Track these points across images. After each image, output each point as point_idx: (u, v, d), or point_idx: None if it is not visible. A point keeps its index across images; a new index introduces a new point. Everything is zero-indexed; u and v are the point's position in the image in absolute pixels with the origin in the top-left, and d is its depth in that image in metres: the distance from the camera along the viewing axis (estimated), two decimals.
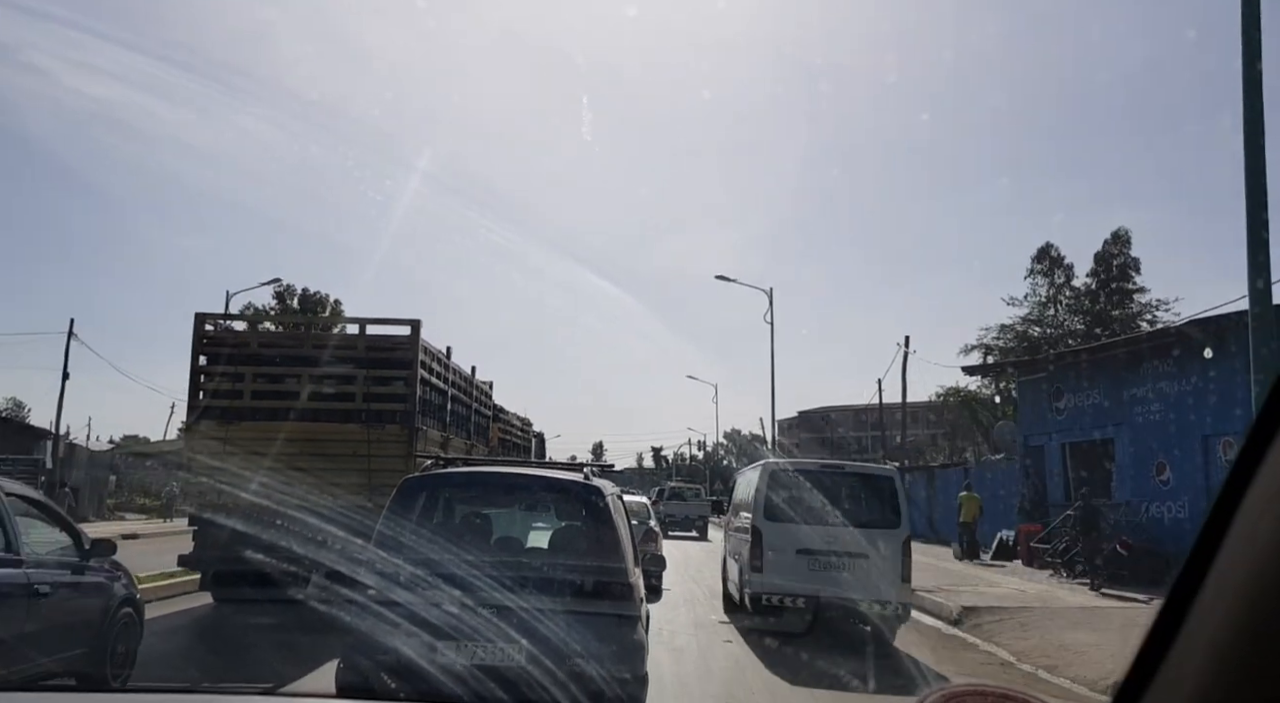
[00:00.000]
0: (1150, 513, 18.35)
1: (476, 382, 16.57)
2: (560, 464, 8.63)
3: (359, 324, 12.13)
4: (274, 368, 11.58)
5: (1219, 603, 0.83)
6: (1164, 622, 0.89)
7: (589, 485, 5.78)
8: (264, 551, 10.01)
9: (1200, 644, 0.84)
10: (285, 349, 11.69)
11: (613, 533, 5.48)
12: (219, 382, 11.56)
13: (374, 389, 11.57)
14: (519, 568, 5.15)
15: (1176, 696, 0.86)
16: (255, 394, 11.41)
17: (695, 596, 14.28)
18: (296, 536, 10.07)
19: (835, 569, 10.60)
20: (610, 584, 5.13)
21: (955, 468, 33.88)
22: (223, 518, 10.83)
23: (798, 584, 10.55)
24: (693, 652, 9.79)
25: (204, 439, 11.20)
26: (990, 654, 10.64)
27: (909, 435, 40.20)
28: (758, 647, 9.93)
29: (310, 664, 7.78)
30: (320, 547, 9.66)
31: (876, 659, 9.22)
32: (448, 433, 13.81)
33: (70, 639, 6.71)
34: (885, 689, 8.13)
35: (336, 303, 52.55)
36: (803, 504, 10.85)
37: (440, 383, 13.32)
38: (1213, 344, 15.89)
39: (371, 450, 11.33)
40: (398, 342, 11.93)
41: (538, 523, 6.95)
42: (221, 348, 11.62)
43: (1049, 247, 47.63)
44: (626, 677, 4.85)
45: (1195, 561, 0.87)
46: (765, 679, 8.50)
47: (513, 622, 4.71)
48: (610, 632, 4.91)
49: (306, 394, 11.38)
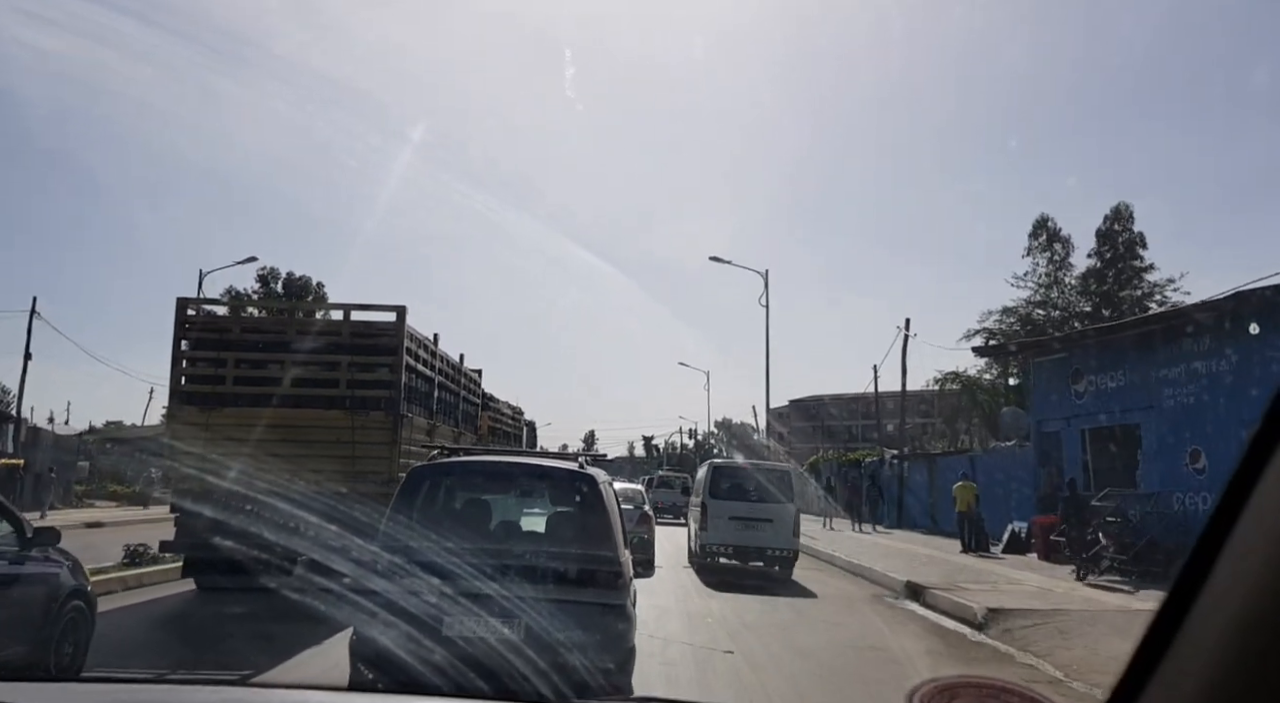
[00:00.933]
0: (1184, 504, 16.64)
1: (465, 369, 16.48)
2: (556, 454, 9.21)
3: (344, 310, 12.00)
4: (257, 354, 11.44)
5: (1225, 599, 0.82)
6: (1165, 617, 0.89)
7: (583, 474, 6.21)
8: (244, 538, 9.96)
9: (1204, 641, 0.84)
10: (268, 334, 11.55)
11: (604, 518, 5.88)
12: (201, 367, 11.41)
13: (358, 376, 11.46)
14: (517, 554, 5.61)
15: (1177, 693, 0.86)
16: (238, 380, 11.27)
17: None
18: (275, 523, 10.07)
19: (752, 528, 16.37)
20: (597, 572, 5.51)
21: (958, 455, 31.99)
22: (204, 505, 10.74)
23: (730, 538, 16.48)
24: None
25: (185, 425, 11.06)
26: (1032, 668, 9.03)
27: (907, 423, 39.03)
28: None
29: (283, 654, 7.73)
30: (298, 534, 9.70)
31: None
32: (434, 420, 13.71)
33: (7, 634, 6.31)
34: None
35: (320, 287, 52.21)
36: (734, 488, 17.07)
37: (426, 370, 13.21)
38: (1259, 319, 14.79)
39: (355, 438, 11.24)
40: (383, 328, 11.81)
41: (535, 509, 7.40)
42: (203, 333, 11.47)
43: (1045, 219, 44.41)
44: (611, 665, 5.25)
45: (1200, 555, 0.86)
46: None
47: (510, 602, 5.05)
48: (599, 611, 5.35)
49: (289, 380, 11.25)
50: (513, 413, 24.97)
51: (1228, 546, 0.84)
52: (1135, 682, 0.92)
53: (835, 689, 8.08)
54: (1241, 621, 0.80)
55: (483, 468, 6.89)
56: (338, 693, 2.46)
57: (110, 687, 2.26)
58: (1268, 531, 0.80)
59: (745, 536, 16.33)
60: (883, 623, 11.80)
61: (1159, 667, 0.89)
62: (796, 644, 9.84)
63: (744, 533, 16.33)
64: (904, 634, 10.86)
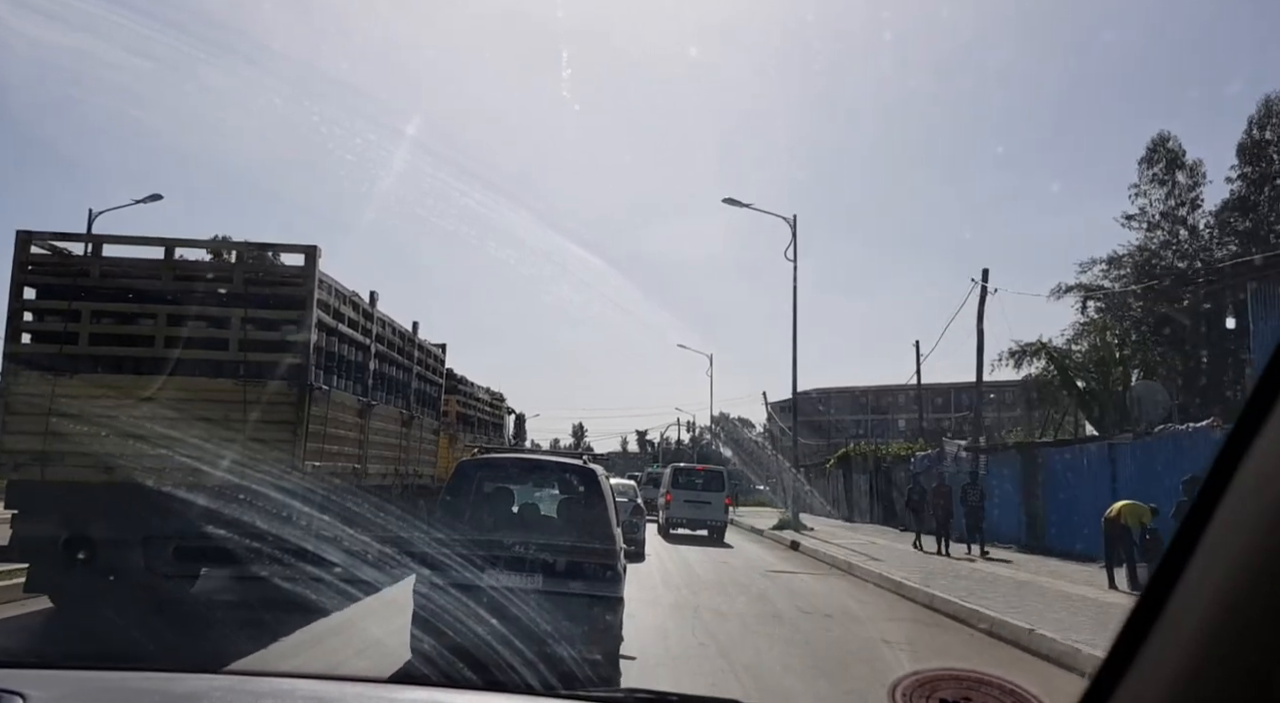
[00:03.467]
0: None
1: (420, 342, 13.91)
2: (565, 452, 12.49)
3: (239, 250, 9.48)
4: (122, 304, 8.94)
5: (1206, 582, 0.86)
6: (1148, 602, 0.92)
7: (587, 467, 7.83)
8: (104, 536, 8.30)
9: (1187, 623, 0.87)
10: (138, 280, 8.98)
11: (602, 501, 7.39)
12: (48, 322, 8.89)
13: (255, 335, 8.96)
14: (535, 531, 7.12)
15: (1160, 674, 0.89)
16: (96, 338, 8.79)
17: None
18: (139, 518, 8.25)
19: (698, 508, 24.86)
20: (597, 549, 6.90)
21: (1077, 445, 22.20)
22: (52, 500, 8.43)
23: (684, 515, 25.00)
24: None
25: (25, 396, 8.55)
26: None
27: (974, 410, 31.10)
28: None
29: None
30: (167, 530, 8.28)
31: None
32: (370, 398, 11.18)
33: None
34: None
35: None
36: (687, 482, 25.72)
37: (357, 334, 10.71)
38: None
39: (249, 415, 8.73)
40: (287, 274, 9.32)
41: (550, 493, 8.57)
42: (53, 277, 8.96)
43: (1164, 140, 33.88)
44: (608, 619, 6.77)
45: (1182, 539, 0.89)
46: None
47: (530, 565, 6.60)
48: (598, 574, 6.81)
49: (164, 339, 8.75)
50: (491, 399, 22.63)
51: (1209, 529, 0.87)
52: (1111, 677, 0.96)
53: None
54: (1213, 619, 0.84)
55: (510, 463, 8.46)
56: (329, 682, 2.39)
57: (121, 674, 2.29)
58: (1250, 516, 0.82)
59: (693, 513, 24.85)
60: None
61: (1134, 661, 0.93)
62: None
63: (693, 511, 24.86)
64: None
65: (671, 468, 27.68)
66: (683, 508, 24.87)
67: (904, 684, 1.53)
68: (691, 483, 25.48)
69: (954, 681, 1.53)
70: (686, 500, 24.89)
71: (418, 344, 13.73)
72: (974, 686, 1.53)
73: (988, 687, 1.53)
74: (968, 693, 1.54)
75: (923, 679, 1.54)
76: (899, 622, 10.86)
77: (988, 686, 1.54)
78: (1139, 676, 0.92)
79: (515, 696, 2.51)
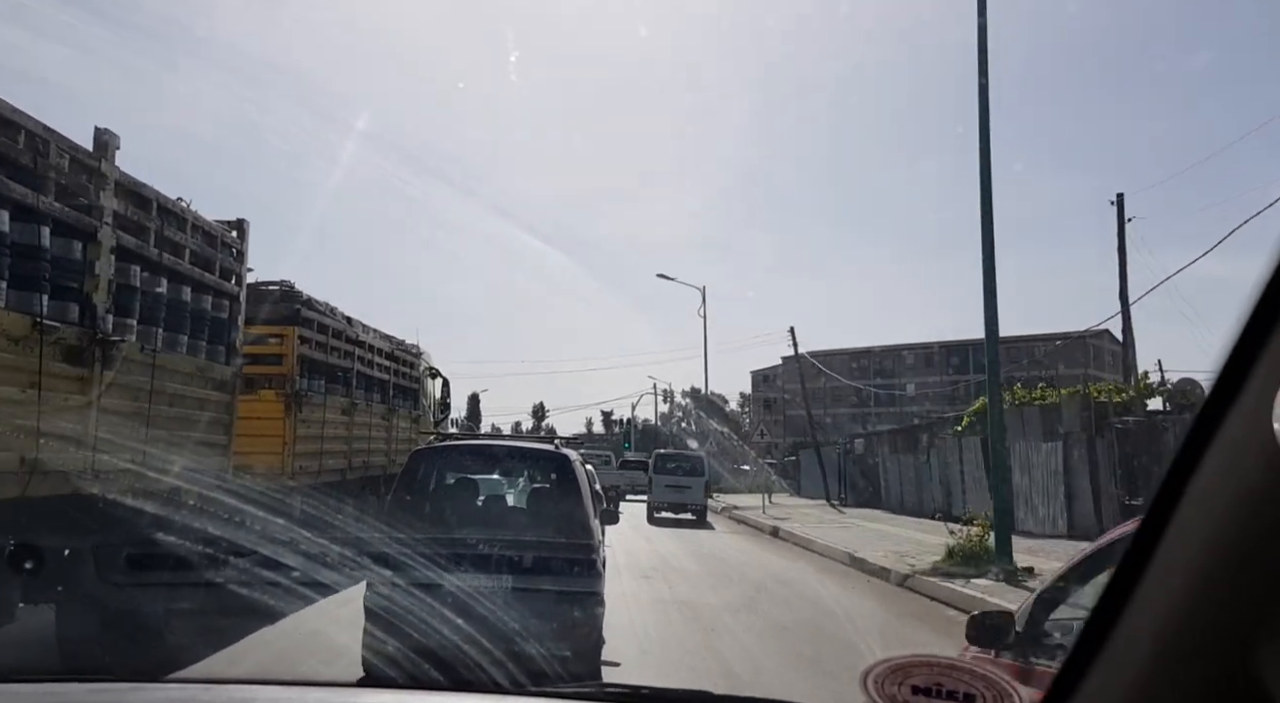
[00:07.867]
0: None
1: (201, 222, 8.12)
2: (533, 436, 13.49)
3: None
4: None
5: (1177, 564, 0.86)
6: (1119, 584, 0.92)
7: (559, 453, 7.17)
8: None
9: (1149, 620, 0.88)
10: None
11: (577, 490, 6.73)
12: None
13: None
14: (502, 526, 6.65)
15: (1125, 667, 0.90)
16: None
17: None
18: None
19: (679, 492, 26.67)
20: (572, 544, 6.26)
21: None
22: None
23: (666, 499, 26.72)
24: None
25: None
26: None
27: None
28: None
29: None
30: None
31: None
32: None
33: None
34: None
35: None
36: (669, 466, 27.90)
37: None
38: None
39: None
40: None
41: (518, 483, 8.39)
42: None
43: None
44: (592, 608, 6.16)
45: (1144, 534, 0.90)
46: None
47: (498, 564, 5.95)
48: (575, 570, 6.13)
49: None
50: (393, 349, 14.90)
51: (1164, 537, 0.87)
52: (1073, 674, 0.98)
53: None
54: (1173, 619, 0.85)
55: (471, 450, 8.08)
56: (292, 688, 2.33)
57: (64, 687, 2.13)
58: (1214, 505, 0.82)
59: (674, 496, 26.64)
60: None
61: (1098, 656, 0.93)
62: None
63: (674, 494, 26.68)
64: None
65: (655, 455, 29.95)
66: (665, 493, 26.68)
67: (876, 672, 1.56)
68: (673, 469, 27.49)
69: (926, 667, 1.57)
70: (668, 485, 26.75)
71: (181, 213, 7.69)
72: (946, 671, 1.57)
73: (959, 672, 1.57)
74: (939, 679, 1.57)
75: (895, 666, 1.57)
76: None
77: (958, 670, 1.58)
78: (1103, 670, 0.93)
79: (484, 695, 2.48)
